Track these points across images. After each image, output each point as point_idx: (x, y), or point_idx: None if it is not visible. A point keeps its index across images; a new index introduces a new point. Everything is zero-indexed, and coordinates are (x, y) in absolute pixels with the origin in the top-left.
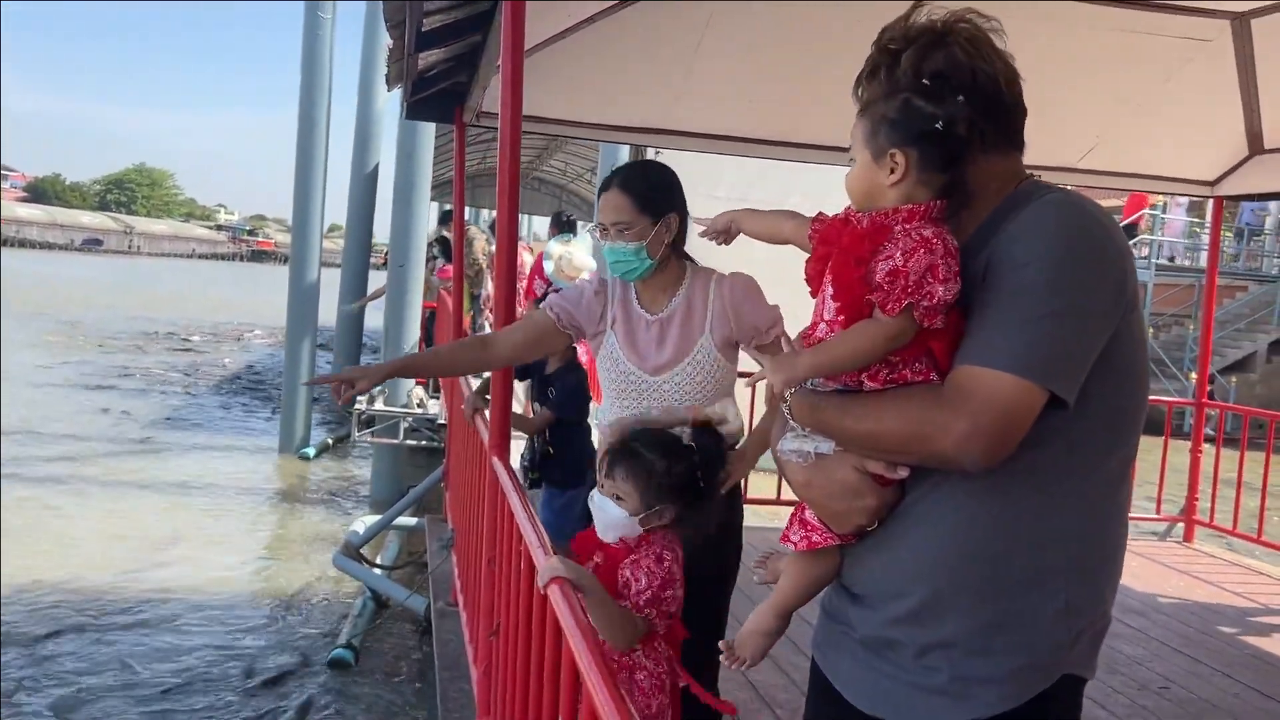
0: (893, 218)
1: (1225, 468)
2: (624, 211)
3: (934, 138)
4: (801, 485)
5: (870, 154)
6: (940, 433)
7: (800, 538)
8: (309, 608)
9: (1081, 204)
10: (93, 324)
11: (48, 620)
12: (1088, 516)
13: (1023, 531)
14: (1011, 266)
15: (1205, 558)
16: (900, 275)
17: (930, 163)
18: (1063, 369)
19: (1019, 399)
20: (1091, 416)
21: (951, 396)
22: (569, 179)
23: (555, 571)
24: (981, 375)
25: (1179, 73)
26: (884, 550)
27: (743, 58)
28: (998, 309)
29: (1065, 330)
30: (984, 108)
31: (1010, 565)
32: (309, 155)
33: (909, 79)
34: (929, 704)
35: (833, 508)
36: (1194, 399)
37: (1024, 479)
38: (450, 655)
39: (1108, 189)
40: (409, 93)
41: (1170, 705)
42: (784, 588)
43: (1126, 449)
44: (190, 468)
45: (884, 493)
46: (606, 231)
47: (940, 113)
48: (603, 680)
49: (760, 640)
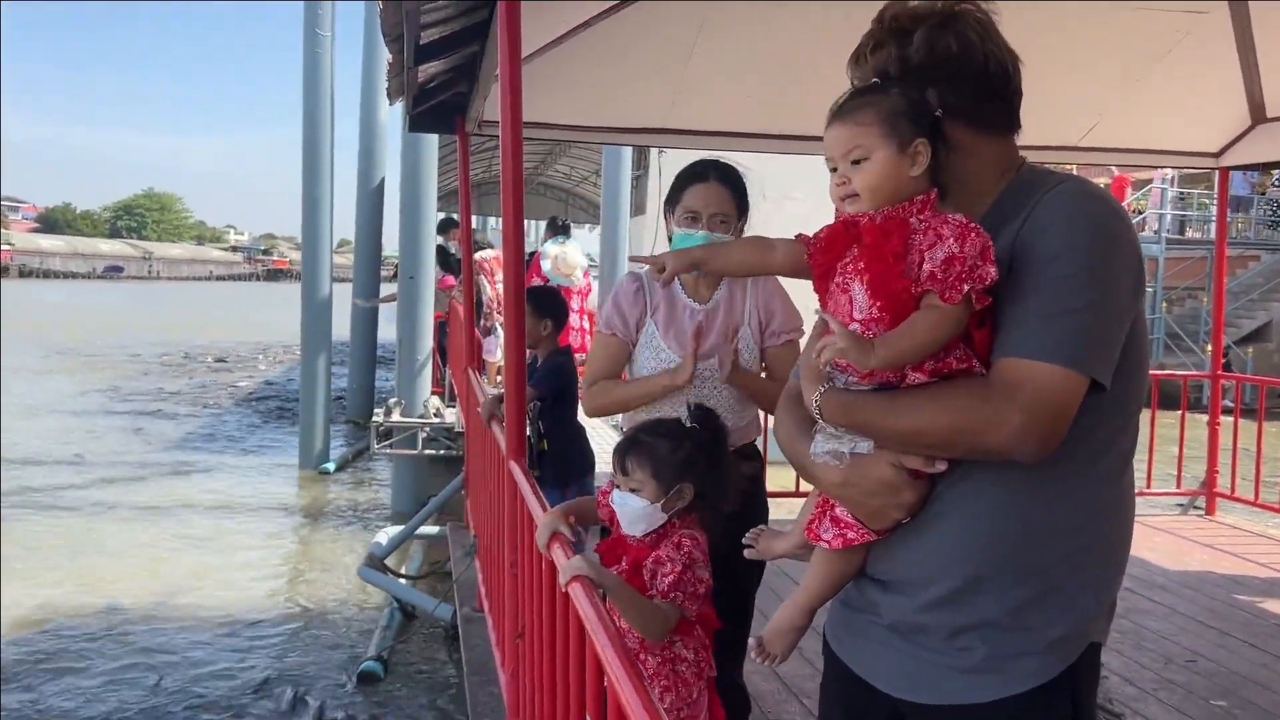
0: (906, 210)
1: (1244, 439)
2: (726, 204)
3: (938, 125)
4: (838, 485)
5: (895, 147)
6: (992, 427)
7: (834, 535)
8: (336, 621)
9: (1101, 194)
10: (117, 349)
11: (76, 643)
12: (1105, 495)
13: (1050, 513)
14: (1044, 258)
15: (1228, 530)
16: (957, 261)
17: (936, 150)
18: (1102, 355)
19: (1067, 389)
20: (1108, 400)
21: (1001, 390)
22: (574, 182)
23: (576, 570)
24: (1030, 367)
25: (1178, 45)
26: (913, 539)
27: (741, 53)
28: (1037, 300)
29: (1101, 318)
30: (992, 90)
31: (1041, 547)
32: (315, 172)
33: (921, 57)
34: (964, 683)
35: (870, 505)
36: (1209, 372)
37: (1048, 463)
38: (478, 660)
39: (1110, 166)
40: (411, 105)
41: (1199, 678)
42: (811, 585)
43: (1131, 428)
44: (212, 487)
45: (921, 486)
46: (697, 219)
47: (941, 100)
48: (628, 676)
49: (789, 637)
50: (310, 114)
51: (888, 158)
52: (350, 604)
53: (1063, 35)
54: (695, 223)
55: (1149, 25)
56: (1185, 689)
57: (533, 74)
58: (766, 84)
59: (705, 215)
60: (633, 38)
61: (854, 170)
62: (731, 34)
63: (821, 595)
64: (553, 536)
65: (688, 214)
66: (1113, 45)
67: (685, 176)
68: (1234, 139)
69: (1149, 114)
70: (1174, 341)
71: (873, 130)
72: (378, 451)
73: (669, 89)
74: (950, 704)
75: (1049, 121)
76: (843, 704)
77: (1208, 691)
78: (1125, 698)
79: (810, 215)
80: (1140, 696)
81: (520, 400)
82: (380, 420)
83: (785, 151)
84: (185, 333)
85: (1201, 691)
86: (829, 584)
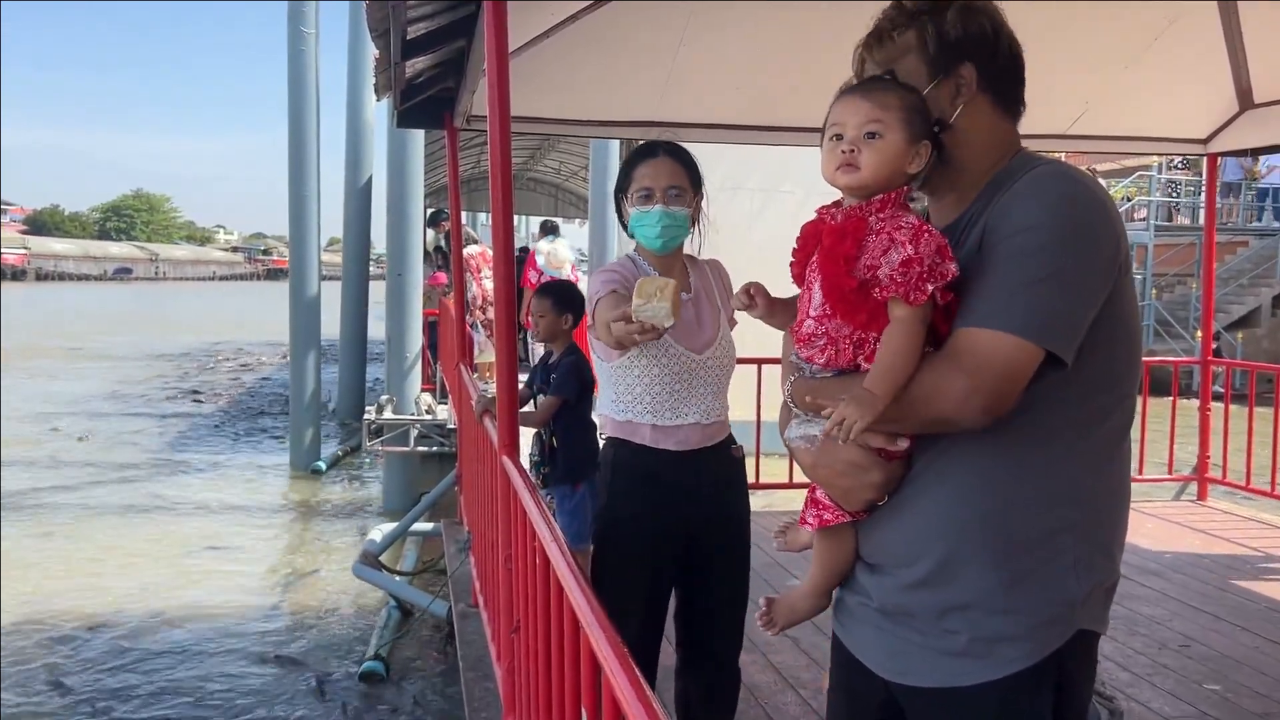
0: (866, 210)
1: (1235, 425)
2: (680, 177)
3: (935, 137)
4: (810, 467)
5: (908, 137)
6: (938, 394)
7: (813, 517)
8: (334, 621)
9: (1071, 172)
10: (120, 350)
11: (72, 647)
12: (1091, 474)
13: (1029, 491)
14: (1006, 234)
15: (1220, 515)
16: (915, 262)
17: (933, 157)
18: (1060, 329)
19: (1016, 357)
20: (1090, 377)
21: (949, 357)
22: (564, 177)
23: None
24: (979, 336)
25: (1165, 33)
26: (894, 519)
27: (729, 45)
28: (994, 275)
29: (1061, 292)
30: (1006, 71)
31: (1019, 524)
32: (301, 171)
33: (959, 33)
34: (951, 666)
35: (841, 485)
36: (1200, 357)
37: (1027, 440)
38: (474, 656)
39: (1100, 154)
40: (398, 101)
41: (1192, 662)
42: (812, 570)
43: (1124, 408)
44: (204, 487)
45: (889, 467)
46: (652, 197)
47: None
48: (622, 669)
49: (792, 615)
50: (295, 112)
51: (901, 142)
52: (347, 602)
53: (1050, 23)
54: (649, 200)
55: (1136, 13)
56: (1179, 674)
57: (520, 68)
58: (756, 76)
59: (659, 190)
60: (621, 30)
61: (866, 143)
62: (720, 26)
63: (823, 579)
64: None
65: (641, 191)
66: (1100, 33)
67: (633, 156)
68: (1222, 125)
69: (1137, 101)
70: (1164, 328)
71: (895, 114)
72: (369, 449)
73: (658, 82)
74: (937, 687)
75: (1037, 109)
76: (845, 688)
77: (1201, 676)
78: (1119, 683)
79: (799, 209)
80: (1134, 682)
81: (512, 395)
82: (372, 418)
83: (775, 144)
84: (189, 333)
85: (1195, 676)
86: (825, 567)
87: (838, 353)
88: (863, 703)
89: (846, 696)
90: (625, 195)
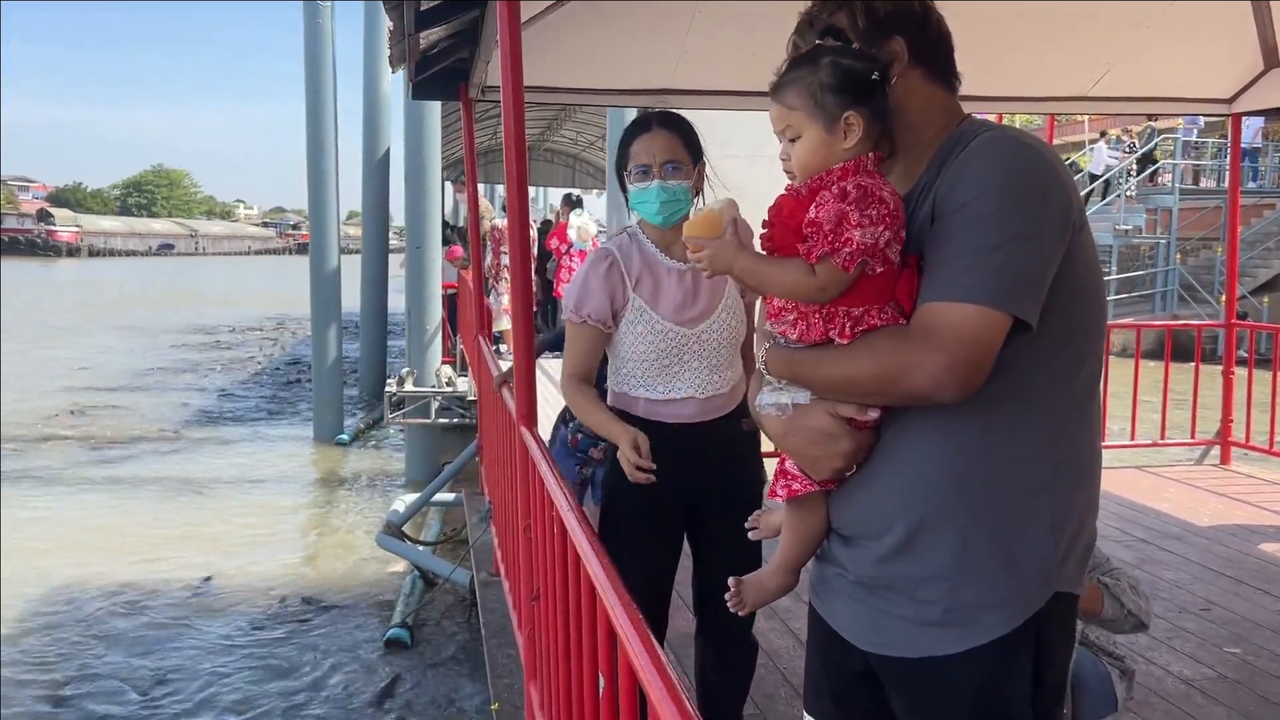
0: (827, 179)
1: (1259, 390)
2: (677, 150)
3: (876, 88)
4: (780, 436)
5: (822, 126)
6: (913, 371)
7: (783, 488)
8: (357, 588)
9: (1017, 136)
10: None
11: (94, 619)
12: (1060, 434)
13: (998, 454)
14: (957, 204)
15: (1242, 479)
16: (814, 226)
17: (876, 115)
18: (1023, 293)
19: (985, 326)
20: (1053, 336)
21: (920, 334)
22: (580, 148)
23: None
24: (945, 309)
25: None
26: (864, 488)
27: (745, 10)
28: (950, 245)
29: (1019, 255)
30: (936, 44)
31: (989, 488)
32: (319, 144)
33: (889, 8)
34: (930, 636)
35: (811, 454)
36: (1224, 321)
37: (994, 402)
38: (495, 623)
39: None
40: (413, 72)
41: (1213, 626)
42: (783, 543)
43: (1090, 366)
44: (229, 460)
45: (859, 436)
46: (650, 172)
47: (876, 63)
48: (638, 635)
49: (761, 593)
50: (312, 86)
51: (816, 136)
52: (371, 571)
53: None
54: (647, 176)
55: None
56: (1199, 637)
57: (534, 37)
58: (772, 41)
59: (656, 165)
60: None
61: (792, 146)
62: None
63: (793, 553)
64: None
65: (639, 167)
66: None
67: (628, 132)
68: (1247, 84)
69: (1160, 61)
70: (1189, 292)
71: (799, 112)
72: (391, 420)
73: (674, 49)
74: (915, 657)
75: (1059, 71)
76: (822, 658)
77: (1221, 639)
78: (1138, 647)
79: None
80: (1153, 645)
81: (530, 366)
82: (393, 390)
83: None
84: (229, 305)
85: (1215, 639)
86: (795, 541)
87: (809, 327)
88: (840, 674)
89: (824, 668)
90: (626, 172)
